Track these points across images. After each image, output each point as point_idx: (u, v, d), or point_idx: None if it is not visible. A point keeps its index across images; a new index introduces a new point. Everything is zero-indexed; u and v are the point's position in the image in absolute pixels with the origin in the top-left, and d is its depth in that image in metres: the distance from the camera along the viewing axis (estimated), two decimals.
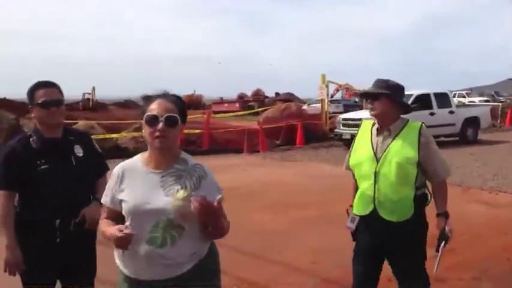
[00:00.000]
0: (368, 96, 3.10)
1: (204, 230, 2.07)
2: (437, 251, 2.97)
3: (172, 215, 2.04)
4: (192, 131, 15.17)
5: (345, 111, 22.27)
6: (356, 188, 3.18)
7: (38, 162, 2.71)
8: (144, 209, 2.05)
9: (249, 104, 37.73)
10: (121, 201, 2.13)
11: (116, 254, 2.15)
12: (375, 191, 2.97)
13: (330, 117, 19.00)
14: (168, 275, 2.06)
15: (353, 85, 27.92)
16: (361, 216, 3.10)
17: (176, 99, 2.14)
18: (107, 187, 2.24)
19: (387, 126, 3.02)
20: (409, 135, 2.97)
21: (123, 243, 1.98)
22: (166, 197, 2.06)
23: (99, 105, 36.71)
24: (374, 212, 2.99)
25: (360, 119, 14.72)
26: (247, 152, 14.51)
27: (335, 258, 5.03)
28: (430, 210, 3.06)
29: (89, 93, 37.44)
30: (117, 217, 2.17)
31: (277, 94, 44.21)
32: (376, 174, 2.97)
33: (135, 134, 14.69)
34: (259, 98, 42.40)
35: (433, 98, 15.54)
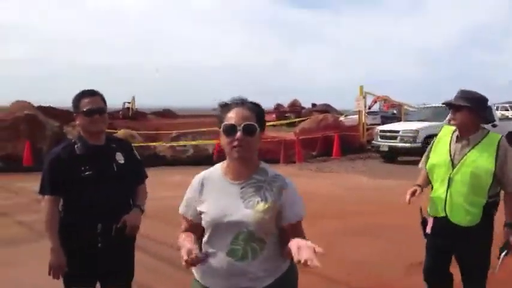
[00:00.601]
0: (450, 107, 3.24)
1: (284, 248, 2.01)
2: (498, 258, 3.16)
3: (253, 227, 1.99)
4: None
5: (383, 123, 21.95)
6: (427, 177, 3.40)
7: (82, 168, 2.78)
8: (224, 221, 2.02)
9: (286, 114, 37.72)
10: (201, 212, 2.10)
11: None
12: (447, 195, 3.17)
13: (368, 129, 18.78)
14: None
15: (391, 97, 27.49)
16: (434, 217, 3.29)
17: (254, 107, 2.07)
18: (185, 197, 2.19)
19: (467, 136, 3.17)
20: (488, 146, 3.11)
21: (191, 263, 1.93)
22: (247, 209, 2.02)
23: (139, 114, 37.52)
24: (445, 217, 3.18)
25: (397, 131, 14.71)
26: (284, 162, 14.50)
27: (369, 270, 4.97)
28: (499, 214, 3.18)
29: (129, 102, 38.31)
30: (196, 229, 2.14)
31: (313, 105, 44.04)
32: (450, 179, 3.16)
33: (173, 143, 14.95)
34: (295, 108, 42.33)
35: None
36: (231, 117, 2.01)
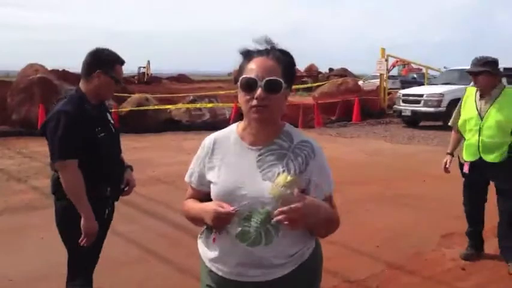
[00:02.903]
0: (471, 74, 4.01)
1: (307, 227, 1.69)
2: None
3: (270, 206, 1.61)
4: None
5: (402, 88, 21.33)
6: (457, 140, 4.40)
7: (97, 129, 2.67)
8: (235, 195, 1.66)
9: (303, 79, 37.11)
10: (209, 182, 1.76)
11: (201, 242, 1.82)
12: (479, 141, 4.00)
13: (388, 93, 18.26)
14: (259, 278, 1.67)
15: (411, 61, 26.67)
16: (470, 162, 4.09)
17: (281, 56, 1.67)
18: (192, 163, 1.84)
19: (489, 93, 4.01)
20: (506, 99, 3.96)
21: (222, 221, 1.64)
22: (264, 181, 1.65)
23: (154, 79, 37.25)
24: (480, 158, 4.01)
25: (421, 95, 14.21)
26: (302, 127, 14.12)
27: (399, 242, 4.67)
28: None
29: (144, 67, 37.98)
30: (202, 199, 1.79)
31: (330, 70, 43.20)
32: (480, 129, 3.99)
33: (189, 105, 14.65)
34: (312, 73, 41.61)
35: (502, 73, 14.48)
36: (252, 69, 1.64)
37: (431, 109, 13.91)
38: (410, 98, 14.59)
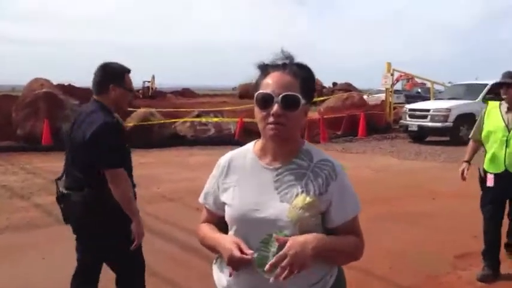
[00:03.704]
0: (503, 85, 4.12)
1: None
2: None
3: (289, 229, 1.52)
4: (251, 120, 14.85)
5: (407, 102, 21.23)
6: (475, 149, 4.40)
7: (126, 144, 2.87)
8: (251, 217, 1.56)
9: None
10: (224, 203, 1.66)
11: (215, 268, 1.71)
12: (505, 153, 4.00)
13: (393, 108, 18.16)
14: None
15: (415, 75, 26.59)
16: (494, 174, 4.08)
17: (299, 71, 1.57)
18: (207, 182, 1.75)
19: None
20: None
21: (237, 264, 1.52)
22: (282, 202, 1.55)
23: (158, 93, 37.28)
24: (506, 170, 4.01)
25: (428, 110, 14.08)
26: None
27: (413, 263, 4.52)
28: None
29: (149, 81, 38.06)
30: (219, 223, 1.70)
31: (334, 84, 43.22)
32: (507, 141, 4.00)
33: (195, 119, 14.55)
34: (316, 88, 41.62)
35: None
36: (268, 84, 1.55)
37: (438, 124, 13.80)
38: (417, 112, 14.48)
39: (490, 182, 4.10)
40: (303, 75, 1.58)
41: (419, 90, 32.96)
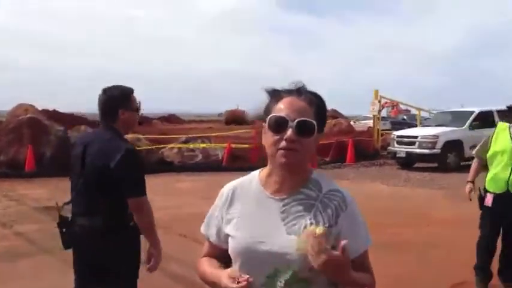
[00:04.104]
0: None
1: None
2: None
3: (298, 263, 1.41)
4: (239, 146, 14.77)
5: (393, 129, 21.38)
6: (478, 170, 4.52)
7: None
8: (256, 250, 1.46)
9: None
10: (227, 235, 1.55)
11: None
12: (510, 175, 4.05)
13: (381, 135, 18.25)
14: None
15: (403, 102, 26.86)
16: (494, 194, 4.15)
17: (314, 98, 1.50)
18: (208, 212, 1.65)
19: None
20: None
21: None
22: (289, 235, 1.45)
23: (144, 118, 37.06)
24: (507, 191, 4.06)
25: (416, 137, 14.16)
26: None
27: None
28: None
29: None
30: (222, 256, 1.60)
31: None
32: None
33: (182, 145, 14.40)
34: None
35: (495, 115, 14.47)
36: (281, 108, 1.47)
37: (426, 150, 13.83)
38: (405, 139, 14.53)
39: (488, 201, 4.19)
40: (317, 103, 1.51)
41: (404, 117, 33.26)
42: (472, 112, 14.20)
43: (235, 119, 35.01)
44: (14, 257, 5.49)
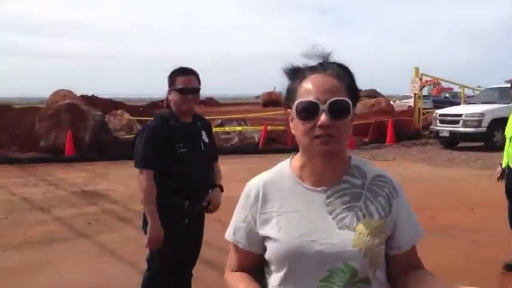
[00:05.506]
0: None
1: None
2: None
3: (357, 261, 1.24)
4: (275, 128, 14.55)
5: (435, 108, 20.66)
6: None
7: (177, 145, 2.82)
8: (308, 251, 1.25)
9: None
10: (265, 238, 1.33)
11: None
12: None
13: (423, 114, 17.64)
14: None
15: (445, 79, 25.93)
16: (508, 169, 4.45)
17: (342, 72, 1.29)
18: (234, 216, 1.42)
19: None
20: None
21: None
22: (341, 230, 1.26)
23: None
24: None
25: (460, 115, 13.56)
26: None
27: (457, 280, 4.09)
28: None
29: None
30: (253, 264, 1.39)
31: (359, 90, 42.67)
32: None
33: (218, 129, 14.32)
34: None
35: None
36: (308, 90, 1.26)
37: (471, 129, 13.28)
38: (448, 118, 13.97)
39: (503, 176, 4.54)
40: (347, 78, 1.30)
41: (447, 95, 32.18)
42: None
43: (272, 101, 34.73)
44: (50, 243, 5.51)
